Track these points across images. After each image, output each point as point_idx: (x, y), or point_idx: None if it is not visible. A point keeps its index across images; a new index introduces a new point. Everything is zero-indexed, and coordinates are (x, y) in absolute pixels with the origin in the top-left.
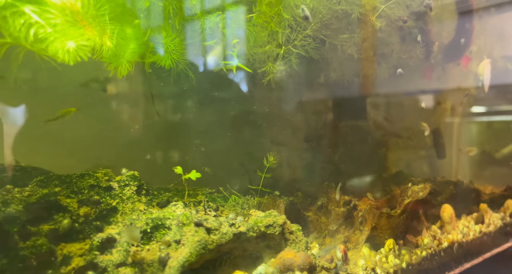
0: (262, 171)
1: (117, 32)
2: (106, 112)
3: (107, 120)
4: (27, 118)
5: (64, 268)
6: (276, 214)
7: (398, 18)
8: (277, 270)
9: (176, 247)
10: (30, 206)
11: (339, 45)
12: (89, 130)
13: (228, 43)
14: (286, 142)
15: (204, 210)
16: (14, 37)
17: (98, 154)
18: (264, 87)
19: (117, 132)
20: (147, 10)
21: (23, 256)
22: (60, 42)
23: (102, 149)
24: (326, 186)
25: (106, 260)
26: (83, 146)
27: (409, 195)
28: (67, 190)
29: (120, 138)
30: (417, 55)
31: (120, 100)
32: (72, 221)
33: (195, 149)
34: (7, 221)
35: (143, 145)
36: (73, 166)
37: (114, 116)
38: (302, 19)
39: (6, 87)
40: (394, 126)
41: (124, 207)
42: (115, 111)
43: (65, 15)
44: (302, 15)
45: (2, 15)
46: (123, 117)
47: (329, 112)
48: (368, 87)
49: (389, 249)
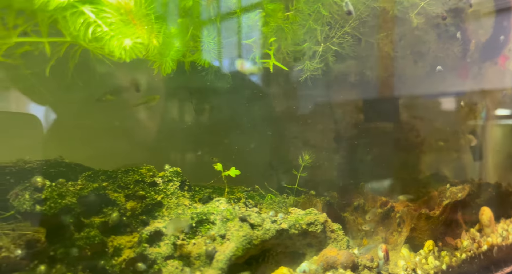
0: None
1: (163, 31)
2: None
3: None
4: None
5: (116, 259)
6: (317, 212)
7: (436, 15)
8: (320, 267)
9: (221, 242)
10: (82, 199)
11: (375, 43)
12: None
13: (265, 41)
14: (319, 142)
15: (245, 206)
16: (73, 36)
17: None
18: (301, 85)
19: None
20: (189, 9)
21: (79, 246)
22: (117, 40)
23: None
24: (361, 186)
25: (155, 253)
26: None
27: (447, 196)
28: (113, 184)
29: (159, 136)
30: (454, 53)
31: (161, 100)
32: (120, 214)
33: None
34: (63, 213)
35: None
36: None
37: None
38: (339, 17)
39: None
40: (428, 127)
41: (169, 202)
42: (158, 110)
43: (120, 14)
44: (345, 10)
45: (63, 15)
46: (165, 116)
47: (362, 112)
48: (402, 86)
49: (429, 250)
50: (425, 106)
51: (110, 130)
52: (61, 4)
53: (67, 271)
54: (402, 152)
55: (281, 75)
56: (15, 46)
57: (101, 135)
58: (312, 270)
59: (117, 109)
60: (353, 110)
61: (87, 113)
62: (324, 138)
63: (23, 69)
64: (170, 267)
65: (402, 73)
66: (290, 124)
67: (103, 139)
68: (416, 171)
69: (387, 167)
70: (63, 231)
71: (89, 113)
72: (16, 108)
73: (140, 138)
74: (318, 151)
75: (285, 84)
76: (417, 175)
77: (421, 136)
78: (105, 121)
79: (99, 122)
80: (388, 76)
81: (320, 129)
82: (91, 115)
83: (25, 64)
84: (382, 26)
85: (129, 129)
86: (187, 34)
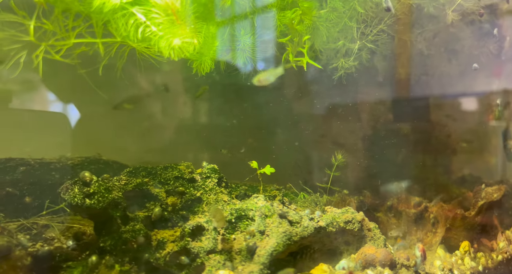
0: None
1: (203, 30)
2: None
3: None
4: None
5: (160, 252)
6: (354, 211)
7: (471, 12)
8: (359, 265)
9: (260, 237)
10: (127, 193)
11: (408, 41)
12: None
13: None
14: (350, 142)
15: (282, 203)
16: (123, 37)
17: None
18: (335, 83)
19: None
20: (227, 8)
21: (125, 239)
22: (166, 40)
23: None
24: (394, 186)
25: (197, 247)
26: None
27: (482, 196)
28: (154, 180)
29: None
30: (490, 51)
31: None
32: (162, 209)
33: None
34: (111, 206)
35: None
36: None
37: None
38: (374, 14)
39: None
40: (460, 127)
41: (208, 198)
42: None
43: (167, 14)
44: (384, 6)
45: (114, 17)
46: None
47: (393, 111)
48: (434, 85)
49: (465, 251)
50: (457, 105)
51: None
52: (114, 6)
53: (115, 262)
54: (434, 152)
55: (315, 74)
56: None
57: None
58: (351, 268)
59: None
60: (384, 109)
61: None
62: (355, 138)
63: (79, 69)
64: (212, 261)
65: (435, 71)
66: (320, 123)
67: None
68: (448, 172)
69: (419, 167)
70: (111, 224)
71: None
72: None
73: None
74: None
75: (319, 83)
76: (449, 175)
77: (453, 136)
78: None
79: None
80: (420, 75)
81: (351, 128)
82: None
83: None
84: (416, 24)
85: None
86: (225, 34)
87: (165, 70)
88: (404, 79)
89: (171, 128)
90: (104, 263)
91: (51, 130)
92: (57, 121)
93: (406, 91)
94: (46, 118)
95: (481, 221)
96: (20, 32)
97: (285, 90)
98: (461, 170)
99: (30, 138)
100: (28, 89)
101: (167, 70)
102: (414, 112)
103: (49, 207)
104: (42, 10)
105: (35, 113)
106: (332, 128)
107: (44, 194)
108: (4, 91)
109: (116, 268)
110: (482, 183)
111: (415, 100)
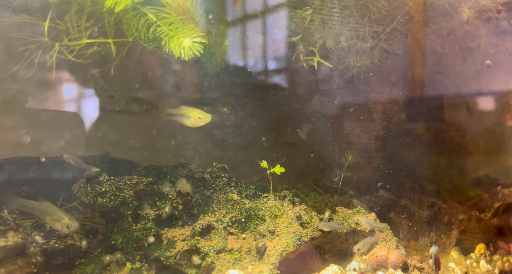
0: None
1: (214, 30)
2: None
3: None
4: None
5: (170, 250)
6: (365, 211)
7: (488, 9)
8: (370, 266)
9: (270, 237)
10: (138, 192)
11: (422, 39)
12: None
13: (311, 39)
14: (360, 142)
15: (292, 203)
16: (134, 37)
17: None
18: (346, 82)
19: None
20: (236, 8)
21: (136, 237)
22: (177, 39)
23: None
24: (408, 188)
25: (207, 246)
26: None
27: (499, 198)
28: (164, 179)
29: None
30: (507, 49)
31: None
32: (172, 208)
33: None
34: (122, 205)
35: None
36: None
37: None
38: (386, 12)
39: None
40: (476, 127)
41: (218, 197)
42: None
43: (178, 14)
44: None
45: (126, 17)
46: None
47: (406, 111)
48: (449, 84)
49: (480, 254)
50: (473, 105)
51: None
52: (126, 6)
53: (126, 260)
54: (448, 153)
55: (328, 73)
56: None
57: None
58: (362, 269)
59: None
60: (397, 109)
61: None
62: (368, 137)
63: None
64: (222, 260)
65: (450, 70)
66: (330, 123)
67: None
68: (463, 172)
69: (432, 167)
70: (122, 222)
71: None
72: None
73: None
74: (361, 150)
75: (332, 83)
76: (464, 176)
77: (468, 136)
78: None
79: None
80: (435, 74)
81: (363, 128)
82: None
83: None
84: (430, 21)
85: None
86: (235, 33)
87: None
88: (418, 78)
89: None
90: (115, 261)
91: (65, 129)
92: (71, 120)
93: (420, 90)
94: (61, 117)
95: (497, 223)
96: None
97: (296, 89)
98: (476, 171)
99: (46, 137)
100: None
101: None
102: (428, 112)
103: (62, 205)
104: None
105: (50, 112)
106: (344, 127)
107: (57, 192)
108: (20, 92)
109: (127, 265)
110: (498, 185)
111: (429, 100)
